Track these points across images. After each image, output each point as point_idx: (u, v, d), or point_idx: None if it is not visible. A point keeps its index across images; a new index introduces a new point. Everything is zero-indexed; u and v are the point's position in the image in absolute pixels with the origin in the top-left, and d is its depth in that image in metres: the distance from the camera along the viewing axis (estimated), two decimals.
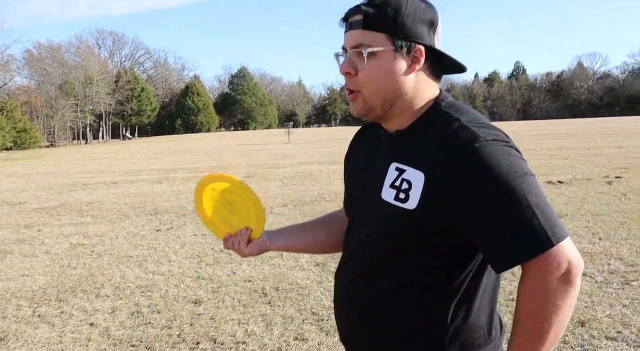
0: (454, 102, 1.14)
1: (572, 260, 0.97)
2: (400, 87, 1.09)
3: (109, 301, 4.31)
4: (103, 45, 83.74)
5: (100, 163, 22.30)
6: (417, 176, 1.05)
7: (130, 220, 7.92)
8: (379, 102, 1.10)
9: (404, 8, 1.06)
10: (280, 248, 1.37)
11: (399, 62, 1.07)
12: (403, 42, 1.06)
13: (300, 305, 4.02)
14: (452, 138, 1.03)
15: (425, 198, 1.03)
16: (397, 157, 1.11)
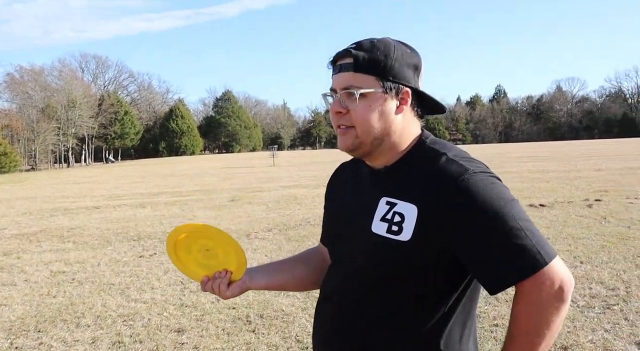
0: (437, 139, 1.21)
1: (563, 277, 1.03)
2: (390, 126, 1.16)
3: (89, 330, 4.23)
4: (86, 69, 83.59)
5: (82, 187, 22.05)
6: (409, 208, 1.09)
7: (113, 245, 7.82)
8: (369, 139, 1.15)
9: (392, 53, 1.14)
10: (261, 286, 1.37)
11: (388, 103, 1.15)
12: (392, 84, 1.14)
13: (284, 333, 3.99)
14: (442, 171, 1.09)
15: (419, 229, 1.08)
16: (386, 192, 1.15)
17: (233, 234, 8.22)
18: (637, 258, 5.66)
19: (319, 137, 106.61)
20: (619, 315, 4.03)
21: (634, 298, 4.39)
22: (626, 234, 6.94)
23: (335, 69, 1.17)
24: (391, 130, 1.16)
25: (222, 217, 10.20)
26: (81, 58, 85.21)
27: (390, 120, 1.15)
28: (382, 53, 1.13)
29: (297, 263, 1.45)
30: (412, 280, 1.12)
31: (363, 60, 1.12)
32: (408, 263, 1.10)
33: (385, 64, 1.13)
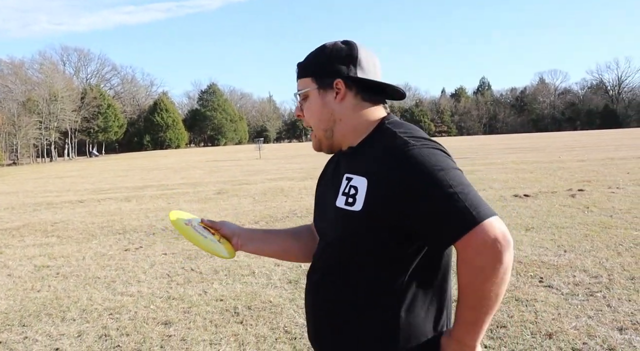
0: (398, 120, 1.30)
1: (497, 235, 1.05)
2: (333, 114, 1.30)
3: (75, 324, 4.19)
4: (68, 62, 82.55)
5: (65, 181, 21.79)
6: (360, 181, 1.19)
7: (98, 239, 7.75)
8: (321, 132, 1.33)
9: (322, 52, 1.31)
10: (250, 251, 1.55)
11: (326, 96, 1.30)
12: (325, 79, 1.29)
13: (272, 324, 3.99)
14: (387, 145, 1.20)
15: (368, 200, 1.17)
16: (348, 169, 1.26)
17: None
18: (619, 246, 5.75)
19: (305, 130, 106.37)
20: (602, 302, 4.10)
21: (616, 285, 4.46)
22: (608, 223, 7.05)
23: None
24: (336, 118, 1.30)
25: (209, 210, 10.15)
26: (62, 51, 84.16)
27: (331, 109, 1.29)
28: (314, 56, 1.32)
29: (288, 236, 1.60)
30: (369, 251, 1.19)
31: (300, 67, 1.34)
32: (363, 233, 1.19)
33: (315, 63, 1.31)
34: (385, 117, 1.31)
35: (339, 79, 1.28)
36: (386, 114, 1.33)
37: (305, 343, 3.60)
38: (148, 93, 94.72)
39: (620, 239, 6.09)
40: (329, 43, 1.32)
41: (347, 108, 1.29)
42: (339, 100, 1.29)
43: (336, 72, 1.28)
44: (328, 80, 1.28)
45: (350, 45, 1.30)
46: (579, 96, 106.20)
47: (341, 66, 1.28)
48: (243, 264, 5.79)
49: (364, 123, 1.30)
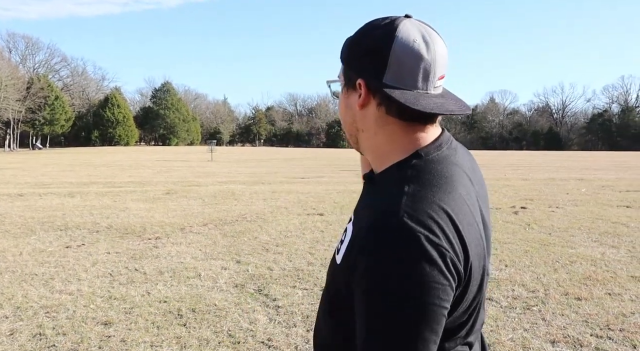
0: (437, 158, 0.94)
1: None
2: (355, 121, 0.99)
3: (7, 322, 4.01)
4: (14, 49, 79.03)
5: (4, 173, 20.83)
6: (350, 231, 0.94)
7: (37, 235, 7.45)
8: (348, 136, 1.05)
9: (356, 36, 0.97)
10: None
11: (350, 95, 0.98)
12: (350, 73, 0.97)
13: (216, 327, 3.95)
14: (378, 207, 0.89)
15: (344, 258, 0.92)
16: (358, 204, 1.02)
17: (167, 227, 8.05)
18: (556, 263, 6.01)
19: (259, 134, 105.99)
20: (537, 316, 4.27)
21: (551, 300, 4.66)
22: (547, 240, 7.35)
23: None
24: (359, 127, 0.99)
25: (156, 210, 9.94)
26: (8, 37, 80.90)
27: (354, 114, 0.99)
28: (350, 37, 0.99)
29: None
30: (341, 313, 0.95)
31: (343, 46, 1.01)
32: (339, 289, 0.94)
33: (348, 47, 0.98)
34: (423, 148, 0.95)
35: (361, 78, 0.94)
36: (425, 144, 0.95)
37: (249, 347, 3.58)
38: (99, 87, 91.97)
39: (557, 256, 6.36)
40: (377, 19, 0.97)
41: (369, 120, 0.97)
42: (361, 106, 0.96)
43: (361, 68, 0.95)
44: (353, 76, 0.96)
45: (385, 31, 0.92)
46: (526, 117, 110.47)
47: (367, 61, 0.93)
48: (189, 266, 5.69)
49: (387, 148, 0.97)
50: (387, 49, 0.90)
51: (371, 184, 1.01)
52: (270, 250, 6.52)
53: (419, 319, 0.80)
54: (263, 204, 10.93)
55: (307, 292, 4.81)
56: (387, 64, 0.91)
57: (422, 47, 0.91)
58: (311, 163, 31.12)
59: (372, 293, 0.81)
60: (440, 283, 0.80)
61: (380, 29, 0.93)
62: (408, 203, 0.85)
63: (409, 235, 0.81)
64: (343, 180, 17.76)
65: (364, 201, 1.00)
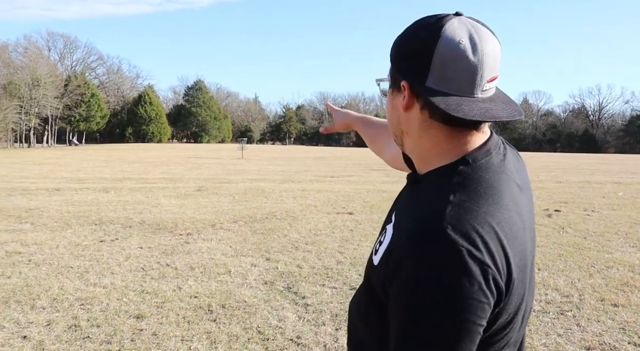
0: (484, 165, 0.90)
1: None
2: (400, 123, 0.97)
3: (44, 313, 4.12)
4: (53, 48, 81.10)
5: (43, 168, 21.43)
6: (389, 232, 0.92)
7: (73, 229, 7.64)
8: (393, 135, 1.02)
9: (402, 36, 0.94)
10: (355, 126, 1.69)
11: (396, 97, 0.95)
12: (396, 74, 0.94)
13: (245, 323, 3.98)
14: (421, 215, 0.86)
15: (381, 260, 0.89)
16: (399, 205, 1.00)
17: (198, 223, 8.15)
18: (592, 268, 5.86)
19: (289, 133, 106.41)
20: (572, 321, 4.17)
21: (586, 306, 4.54)
22: (582, 244, 7.17)
23: None
24: (403, 129, 0.96)
25: (188, 206, 10.08)
26: (48, 36, 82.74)
27: (399, 116, 0.96)
28: (399, 36, 0.94)
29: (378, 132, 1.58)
30: (375, 313, 0.94)
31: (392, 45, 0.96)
32: (372, 290, 0.94)
33: (395, 47, 0.94)
34: (470, 154, 0.91)
35: (405, 80, 0.91)
36: (472, 149, 0.92)
37: (278, 344, 3.59)
38: (133, 85, 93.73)
39: (592, 261, 6.20)
40: (425, 17, 0.93)
41: (414, 123, 0.94)
42: (405, 109, 0.93)
43: (405, 69, 0.91)
44: (398, 77, 0.93)
45: (430, 31, 0.88)
46: (561, 119, 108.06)
47: (411, 62, 0.90)
48: (219, 262, 5.75)
49: (432, 152, 0.94)
50: (430, 51, 0.87)
51: (415, 185, 0.98)
52: (300, 248, 6.54)
53: (454, 335, 0.78)
54: (293, 202, 10.97)
55: (336, 291, 4.80)
56: (430, 67, 0.87)
57: (468, 48, 0.86)
58: (341, 162, 31.10)
59: (408, 304, 0.80)
60: (479, 301, 0.78)
61: (426, 29, 0.89)
62: (452, 213, 0.82)
63: (452, 248, 0.78)
64: (373, 179, 17.69)
65: (407, 204, 0.97)
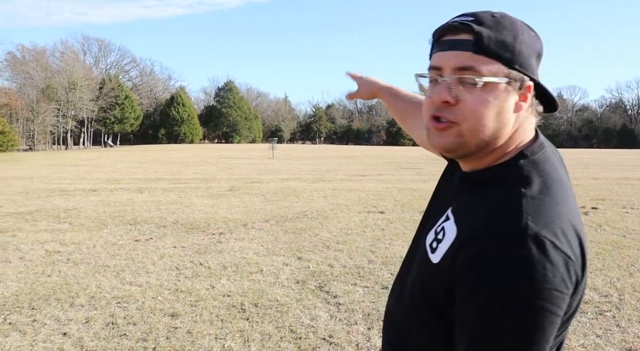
0: (542, 160, 0.92)
1: None
2: (504, 126, 0.91)
3: (83, 310, 4.23)
4: (88, 51, 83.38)
5: (79, 169, 22.01)
6: (451, 230, 0.90)
7: (109, 228, 7.82)
8: (476, 140, 0.91)
9: (520, 34, 0.91)
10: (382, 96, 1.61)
11: (509, 98, 0.90)
12: (517, 74, 0.90)
13: (278, 322, 4.00)
14: (494, 210, 0.85)
15: (445, 258, 0.88)
16: (455, 200, 0.97)
17: (230, 223, 8.24)
18: (631, 267, 5.69)
19: (319, 132, 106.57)
20: (611, 321, 4.06)
21: (626, 306, 4.41)
22: (621, 243, 6.97)
23: (442, 45, 0.92)
24: (504, 133, 0.92)
25: (220, 206, 10.20)
26: (83, 40, 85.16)
27: (505, 120, 0.91)
28: (510, 33, 0.90)
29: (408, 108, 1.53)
30: (428, 313, 0.94)
31: (488, 39, 0.88)
32: (431, 289, 0.92)
33: (513, 47, 0.89)
34: (531, 144, 0.94)
35: (531, 81, 0.92)
36: (534, 138, 0.96)
37: (310, 343, 3.61)
38: (165, 87, 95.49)
39: (632, 260, 6.02)
40: (515, 18, 0.93)
41: (516, 122, 0.93)
42: (518, 109, 0.92)
43: (530, 69, 0.91)
44: (520, 77, 0.90)
45: (538, 35, 0.95)
46: (597, 114, 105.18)
47: (534, 62, 0.92)
48: (251, 261, 5.80)
49: (510, 146, 0.94)
50: (542, 48, 0.95)
51: (474, 182, 0.96)
52: (331, 247, 6.54)
53: (538, 326, 0.77)
54: (324, 201, 10.99)
55: (367, 290, 4.79)
56: (540, 63, 0.94)
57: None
58: (371, 161, 30.99)
59: (489, 297, 0.78)
60: (561, 292, 0.78)
61: (536, 35, 0.95)
62: (529, 206, 0.82)
63: (535, 239, 0.78)
64: (403, 178, 17.57)
65: (469, 201, 0.94)
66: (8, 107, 56.66)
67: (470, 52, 0.88)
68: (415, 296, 0.97)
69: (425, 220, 1.11)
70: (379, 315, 4.13)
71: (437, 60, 0.92)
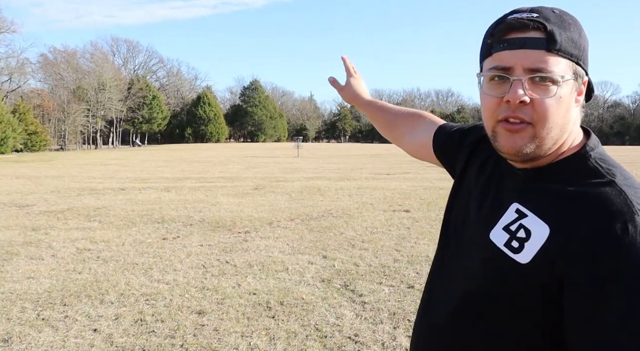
0: (604, 152, 0.95)
1: None
2: (570, 122, 0.93)
3: (113, 307, 4.32)
4: (117, 52, 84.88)
5: (108, 168, 22.44)
6: (540, 227, 0.88)
7: (137, 227, 7.95)
8: (551, 141, 0.91)
9: (582, 30, 0.92)
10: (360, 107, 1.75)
11: (573, 94, 0.92)
12: (581, 70, 0.92)
13: (303, 320, 4.01)
14: (602, 201, 0.84)
15: (540, 257, 0.86)
16: (521, 198, 0.94)
17: (256, 222, 8.29)
18: None
19: (344, 131, 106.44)
20: None
21: None
22: None
23: (510, 43, 0.90)
24: (568, 128, 0.93)
25: (245, 205, 10.28)
26: (112, 42, 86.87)
27: (571, 116, 0.93)
28: (576, 30, 0.91)
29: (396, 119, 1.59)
30: (514, 315, 0.91)
31: (560, 37, 0.88)
32: (515, 291, 0.90)
33: (580, 44, 0.91)
34: (587, 141, 0.97)
35: (587, 76, 0.94)
36: (587, 134, 0.99)
37: (336, 342, 3.61)
38: (192, 86, 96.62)
39: None
40: (570, 14, 0.94)
41: (574, 116, 0.94)
42: (577, 103, 0.94)
43: (587, 65, 0.94)
44: (583, 73, 0.93)
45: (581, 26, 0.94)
46: (630, 110, 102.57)
47: (588, 58, 0.94)
48: (277, 260, 5.83)
49: (568, 142, 0.95)
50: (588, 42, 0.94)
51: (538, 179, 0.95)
52: (356, 245, 6.53)
53: None
54: (349, 200, 10.97)
55: (393, 289, 4.76)
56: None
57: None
58: (396, 159, 30.82)
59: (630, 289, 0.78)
60: None
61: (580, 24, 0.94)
62: (630, 192, 0.85)
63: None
64: (429, 176, 17.43)
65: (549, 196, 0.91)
66: (41, 108, 58.17)
67: (543, 50, 0.87)
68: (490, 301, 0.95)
69: (459, 216, 1.09)
70: (405, 314, 4.11)
71: (507, 59, 0.89)
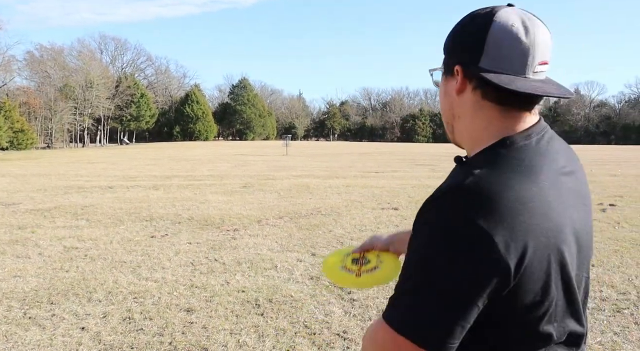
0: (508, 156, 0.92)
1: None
2: (452, 107, 1.02)
3: (100, 305, 4.29)
4: (105, 50, 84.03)
5: (96, 167, 22.25)
6: None
7: (125, 225, 7.91)
8: (445, 124, 1.07)
9: (456, 25, 1.00)
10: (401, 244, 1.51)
11: (448, 83, 1.01)
12: (448, 61, 1.01)
13: (292, 318, 4.02)
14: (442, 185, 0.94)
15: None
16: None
17: (245, 220, 8.28)
18: None
19: (332, 129, 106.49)
20: (629, 319, 4.01)
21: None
22: (639, 240, 6.88)
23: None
24: (455, 113, 1.01)
25: (234, 203, 10.25)
26: (100, 39, 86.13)
27: (451, 102, 1.01)
28: (452, 29, 1.02)
29: None
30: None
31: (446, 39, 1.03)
32: None
33: (448, 38, 1.02)
34: (510, 136, 0.94)
35: (458, 64, 0.97)
36: (516, 132, 0.95)
37: (324, 338, 3.62)
38: (180, 84, 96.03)
39: None
40: (478, 9, 0.99)
41: (466, 105, 0.99)
42: (458, 92, 0.98)
43: (458, 54, 0.98)
44: (451, 63, 1.00)
45: (484, 17, 0.94)
46: (616, 110, 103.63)
47: (465, 47, 0.96)
48: (266, 257, 5.83)
49: (481, 134, 0.98)
50: (484, 34, 0.93)
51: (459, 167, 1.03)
52: (345, 243, 6.55)
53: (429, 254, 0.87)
54: (337, 198, 10.99)
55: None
56: (483, 49, 0.93)
57: (521, 31, 0.92)
58: (385, 157, 30.91)
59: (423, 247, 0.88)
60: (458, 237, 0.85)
61: (480, 17, 0.95)
62: (470, 181, 0.87)
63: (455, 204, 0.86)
64: (418, 174, 17.51)
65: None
66: (27, 106, 57.45)
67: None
68: None
69: None
70: None
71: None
